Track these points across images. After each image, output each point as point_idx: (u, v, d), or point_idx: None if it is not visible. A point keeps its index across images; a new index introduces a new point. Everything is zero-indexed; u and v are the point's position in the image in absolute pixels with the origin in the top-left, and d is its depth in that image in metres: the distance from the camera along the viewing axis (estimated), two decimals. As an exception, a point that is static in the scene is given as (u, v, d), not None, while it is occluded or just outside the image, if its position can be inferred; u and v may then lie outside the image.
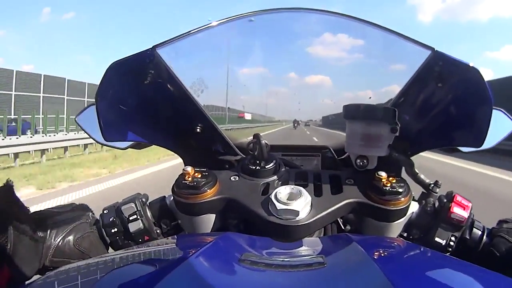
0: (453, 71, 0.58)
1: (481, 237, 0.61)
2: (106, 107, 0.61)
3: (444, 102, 0.62)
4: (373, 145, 0.62)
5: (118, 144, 0.70)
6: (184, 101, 0.67)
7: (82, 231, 0.61)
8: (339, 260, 0.47)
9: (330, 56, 0.88)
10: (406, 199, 0.59)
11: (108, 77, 0.59)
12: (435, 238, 0.61)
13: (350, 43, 0.81)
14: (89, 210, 0.67)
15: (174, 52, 0.63)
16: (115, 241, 0.63)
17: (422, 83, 0.62)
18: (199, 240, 0.54)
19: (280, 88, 0.93)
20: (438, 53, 0.58)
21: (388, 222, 0.60)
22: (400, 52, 0.70)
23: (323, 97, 0.93)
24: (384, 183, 0.59)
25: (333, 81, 0.88)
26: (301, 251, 0.51)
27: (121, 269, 0.44)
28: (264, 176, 0.64)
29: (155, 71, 0.63)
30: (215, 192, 0.61)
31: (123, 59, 0.60)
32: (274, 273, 0.40)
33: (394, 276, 0.36)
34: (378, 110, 0.62)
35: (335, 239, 0.59)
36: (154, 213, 0.65)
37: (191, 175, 0.61)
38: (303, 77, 0.90)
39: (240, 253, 0.43)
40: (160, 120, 0.70)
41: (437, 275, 0.42)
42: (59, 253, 0.58)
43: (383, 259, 0.46)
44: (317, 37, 0.82)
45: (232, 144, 0.73)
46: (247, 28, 0.72)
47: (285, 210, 0.54)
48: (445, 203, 0.62)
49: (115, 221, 0.62)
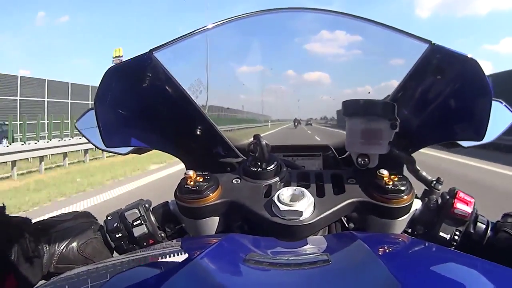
0: (452, 63, 0.58)
1: (485, 231, 0.61)
2: (105, 112, 0.61)
3: (443, 95, 0.62)
4: (374, 142, 0.62)
5: (119, 150, 0.70)
6: (183, 103, 0.67)
7: (85, 237, 0.61)
8: (344, 257, 0.47)
9: (328, 53, 0.88)
10: (409, 197, 0.59)
11: (106, 82, 0.59)
12: (440, 233, 0.61)
13: (347, 40, 0.81)
14: (91, 217, 0.67)
15: (172, 55, 0.63)
16: (119, 245, 0.63)
17: (420, 76, 0.62)
18: (203, 242, 0.54)
19: (279, 86, 0.92)
20: (435, 46, 0.57)
21: (391, 219, 0.60)
22: (398, 47, 0.70)
23: (322, 95, 0.92)
24: (386, 181, 0.59)
25: (331, 78, 0.88)
26: (305, 249, 0.51)
27: (127, 272, 0.44)
28: (266, 177, 0.64)
29: (153, 75, 0.63)
30: (218, 195, 0.61)
31: (121, 63, 0.60)
32: (279, 272, 0.40)
33: (399, 272, 0.35)
34: (377, 105, 0.62)
35: (340, 237, 0.58)
36: (158, 218, 0.65)
37: (193, 179, 0.61)
38: (302, 74, 0.89)
39: (245, 253, 0.43)
40: (160, 124, 0.70)
41: (442, 269, 0.42)
42: (63, 259, 0.58)
43: (388, 255, 0.46)
44: (314, 35, 0.82)
45: (232, 146, 0.73)
46: (244, 29, 0.72)
47: (289, 211, 0.54)
48: (448, 200, 0.62)
49: (119, 227, 0.63)
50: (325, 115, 1.18)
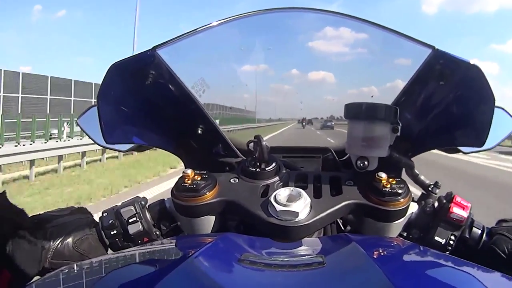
0: (454, 69, 0.58)
1: (480, 236, 0.61)
2: (107, 109, 0.61)
3: (446, 101, 0.62)
4: (374, 146, 0.62)
5: (119, 147, 0.70)
6: (185, 101, 0.67)
7: (81, 233, 0.61)
8: (339, 259, 0.47)
9: (331, 56, 0.88)
10: (406, 200, 0.59)
11: (109, 79, 0.60)
12: (435, 238, 0.60)
13: (350, 43, 0.81)
14: (88, 213, 0.67)
15: (175, 53, 0.63)
16: (114, 243, 0.63)
17: (423, 82, 0.62)
18: (198, 240, 0.54)
19: (283, 85, 0.92)
20: (438, 51, 0.57)
21: (387, 222, 0.60)
22: (400, 51, 0.70)
23: (325, 94, 0.91)
24: (384, 184, 0.59)
25: (335, 80, 0.88)
26: (300, 251, 0.51)
27: (121, 269, 0.44)
28: (264, 178, 0.64)
29: (155, 72, 0.63)
30: (215, 194, 0.61)
31: (124, 60, 0.60)
32: (274, 273, 0.40)
33: (393, 275, 0.36)
34: (380, 109, 0.61)
35: (335, 239, 0.59)
36: (154, 215, 0.65)
37: (190, 177, 0.61)
38: (306, 73, 0.89)
39: (240, 253, 0.43)
40: (161, 122, 0.70)
41: (436, 273, 0.42)
42: (58, 255, 0.58)
43: (383, 258, 0.46)
44: (317, 37, 0.82)
45: (232, 146, 0.73)
46: (248, 27, 0.72)
47: (285, 211, 0.54)
48: (444, 204, 0.62)
49: (114, 224, 0.63)
50: (331, 114, 1.09)
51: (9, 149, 7.12)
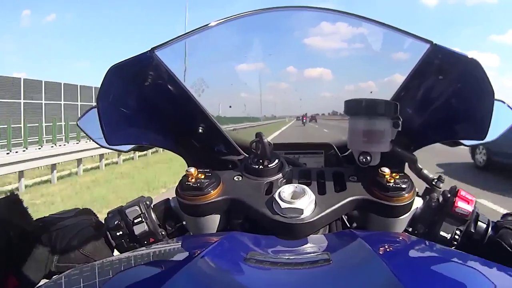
0: (453, 64, 0.58)
1: (486, 230, 0.61)
2: (107, 110, 0.61)
3: (445, 95, 0.62)
4: (376, 141, 0.62)
5: (120, 147, 0.70)
6: (185, 101, 0.67)
7: (86, 235, 0.61)
8: (345, 256, 0.47)
9: (329, 53, 0.88)
10: (410, 195, 0.59)
11: (108, 80, 0.59)
12: (440, 232, 0.61)
13: (348, 40, 0.81)
14: (92, 214, 0.67)
15: (173, 54, 0.63)
16: (120, 244, 0.63)
17: (422, 77, 0.62)
18: (204, 240, 0.54)
19: (281, 83, 0.92)
20: (437, 46, 0.57)
21: (392, 217, 0.60)
22: (399, 47, 0.70)
23: (323, 90, 0.91)
24: (388, 179, 0.58)
25: (333, 77, 0.88)
26: (306, 248, 0.51)
27: (128, 271, 0.44)
28: (268, 175, 0.64)
29: (154, 73, 0.63)
30: (219, 192, 0.61)
31: (122, 62, 0.60)
32: (280, 271, 0.40)
33: (399, 270, 0.36)
34: (380, 105, 0.61)
35: (340, 236, 0.59)
36: (159, 215, 0.65)
37: (194, 176, 0.61)
38: (303, 70, 0.89)
39: (246, 252, 0.43)
40: (162, 122, 0.70)
41: (442, 268, 0.42)
42: (64, 258, 0.58)
43: (388, 254, 0.46)
44: (314, 34, 0.82)
45: (234, 144, 0.73)
46: (245, 27, 0.72)
47: (289, 208, 0.54)
48: (449, 198, 0.62)
49: (120, 224, 0.62)
50: (332, 110, 1.08)
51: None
